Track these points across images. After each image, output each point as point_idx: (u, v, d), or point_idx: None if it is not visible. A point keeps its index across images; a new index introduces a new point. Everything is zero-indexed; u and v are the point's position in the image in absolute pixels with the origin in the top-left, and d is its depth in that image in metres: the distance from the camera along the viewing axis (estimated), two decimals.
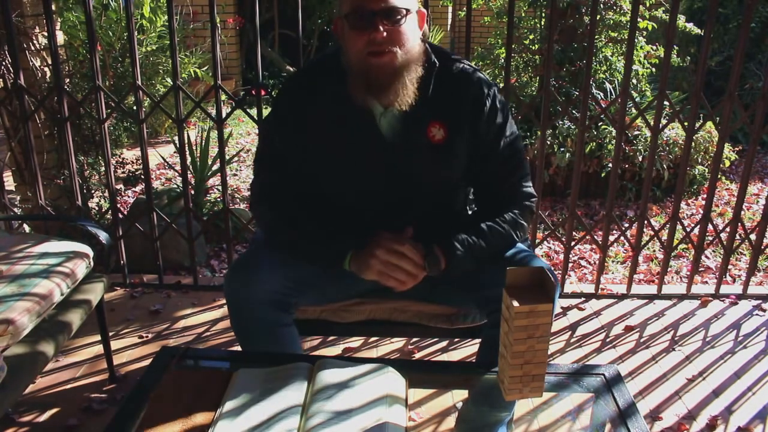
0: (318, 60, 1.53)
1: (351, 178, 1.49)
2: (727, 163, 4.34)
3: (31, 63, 2.66)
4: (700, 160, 4.14)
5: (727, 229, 2.62)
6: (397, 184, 1.47)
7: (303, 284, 1.49)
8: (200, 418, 1.15)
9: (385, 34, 1.32)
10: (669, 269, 3.09)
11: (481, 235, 1.43)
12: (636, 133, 4.07)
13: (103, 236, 1.90)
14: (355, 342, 2.28)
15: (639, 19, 4.27)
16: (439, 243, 1.41)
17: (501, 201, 1.49)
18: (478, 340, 1.63)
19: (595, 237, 2.61)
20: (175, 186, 3.89)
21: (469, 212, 1.64)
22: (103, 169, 3.23)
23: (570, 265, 3.13)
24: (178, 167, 3.62)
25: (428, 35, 1.48)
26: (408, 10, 1.35)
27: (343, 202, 1.52)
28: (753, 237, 2.63)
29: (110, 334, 2.07)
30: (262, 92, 2.40)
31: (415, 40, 1.40)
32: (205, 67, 5.56)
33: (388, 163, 1.45)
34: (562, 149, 4.03)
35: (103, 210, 2.86)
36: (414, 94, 1.39)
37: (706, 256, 3.29)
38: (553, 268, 3.14)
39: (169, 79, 4.60)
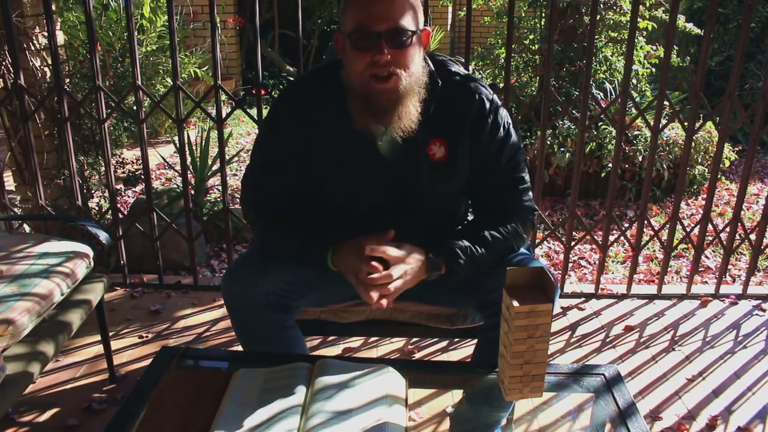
0: (317, 69, 1.50)
1: (349, 193, 1.48)
2: (727, 163, 4.34)
3: (31, 63, 2.66)
4: (700, 160, 4.14)
5: (727, 229, 2.62)
6: (397, 201, 1.46)
7: (302, 286, 1.49)
8: (200, 418, 1.15)
9: (389, 56, 1.29)
10: (669, 269, 3.09)
11: (483, 244, 1.42)
12: (636, 133, 4.07)
13: (103, 236, 1.90)
14: (355, 342, 2.28)
15: (639, 19, 4.27)
16: (441, 249, 1.40)
17: (501, 214, 1.47)
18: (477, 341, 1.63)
19: (595, 237, 2.61)
20: (175, 186, 3.89)
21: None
22: (103, 169, 3.23)
23: (570, 265, 3.13)
24: (178, 167, 3.62)
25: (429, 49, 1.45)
26: (414, 32, 1.31)
27: (342, 214, 1.50)
28: (753, 237, 2.63)
29: (110, 334, 2.07)
30: (262, 92, 2.40)
31: (420, 61, 1.36)
32: (205, 67, 5.56)
33: (388, 180, 1.44)
34: (562, 149, 4.03)
35: (103, 210, 2.86)
36: (417, 118, 1.36)
37: (706, 256, 3.29)
38: (553, 268, 3.15)
39: (169, 79, 4.60)
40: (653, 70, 4.63)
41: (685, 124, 2.43)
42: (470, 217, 1.64)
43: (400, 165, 1.42)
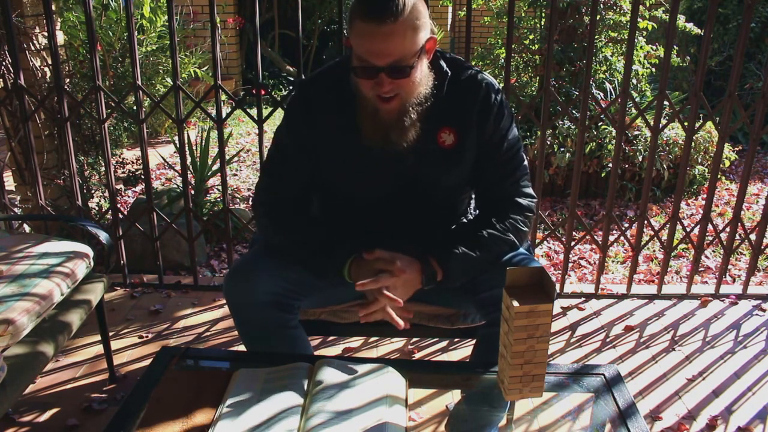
0: (330, 67, 1.52)
1: (362, 184, 1.50)
2: (727, 163, 4.34)
3: (31, 63, 2.66)
4: (700, 160, 4.14)
5: (727, 229, 2.62)
6: (408, 189, 1.48)
7: (303, 286, 1.50)
8: (200, 418, 1.15)
9: (390, 87, 1.31)
10: (669, 269, 3.09)
11: (481, 247, 1.44)
12: (636, 133, 4.07)
13: (103, 236, 1.90)
14: (355, 342, 2.28)
15: (639, 19, 4.27)
16: (437, 256, 1.42)
17: (501, 202, 1.50)
18: None
19: (595, 237, 2.61)
20: (175, 186, 3.89)
21: (472, 214, 1.64)
22: (103, 169, 3.24)
23: (570, 265, 3.13)
24: (178, 167, 3.62)
25: (436, 32, 1.47)
26: (416, 57, 1.31)
27: (353, 206, 1.53)
28: (753, 237, 2.63)
29: (110, 334, 2.07)
30: (262, 92, 2.40)
31: (424, 76, 1.37)
32: (205, 67, 5.57)
33: (400, 169, 1.46)
34: (562, 149, 4.03)
35: (103, 210, 2.86)
36: (421, 123, 1.39)
37: (706, 256, 3.28)
38: (553, 268, 3.14)
39: (169, 79, 4.60)
40: (653, 70, 4.63)
41: (685, 124, 2.43)
42: (474, 212, 1.65)
43: (410, 154, 1.44)
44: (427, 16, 1.35)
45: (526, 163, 1.53)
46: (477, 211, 1.63)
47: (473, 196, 1.64)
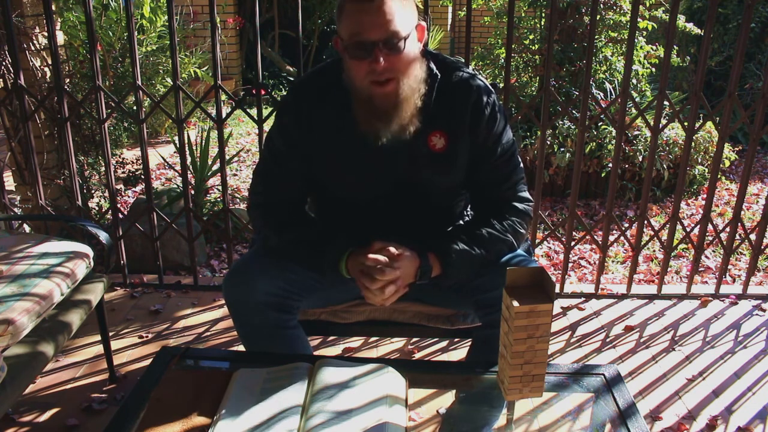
0: (321, 68, 1.52)
1: (354, 187, 1.50)
2: (727, 163, 4.34)
3: (31, 63, 2.66)
4: (700, 160, 4.14)
5: (727, 229, 2.62)
6: (400, 193, 1.48)
7: (302, 287, 1.50)
8: (200, 418, 1.15)
9: (386, 64, 1.30)
10: (669, 269, 3.09)
11: (479, 243, 1.43)
12: (636, 133, 4.07)
13: (103, 236, 1.90)
14: (355, 342, 2.28)
15: (639, 19, 4.27)
16: (435, 250, 1.41)
17: (497, 205, 1.50)
18: None
19: (595, 237, 2.61)
20: (175, 186, 3.89)
21: (468, 216, 1.64)
22: (103, 169, 3.24)
23: (570, 265, 3.13)
24: (178, 167, 3.62)
25: (427, 41, 1.47)
26: (408, 34, 1.32)
27: (347, 207, 1.53)
28: (753, 237, 2.63)
29: (110, 334, 2.07)
30: (262, 92, 2.40)
31: (417, 59, 1.37)
32: (205, 67, 5.57)
33: (391, 173, 1.46)
34: (562, 149, 4.03)
35: (103, 210, 2.86)
36: (416, 116, 1.38)
37: (706, 256, 3.28)
38: (553, 268, 3.14)
39: (169, 79, 4.60)
40: (653, 70, 4.63)
41: (685, 124, 2.43)
42: (470, 213, 1.65)
43: (401, 157, 1.44)
44: (413, 1, 1.36)
45: (521, 166, 1.52)
46: (473, 214, 1.63)
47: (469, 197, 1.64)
